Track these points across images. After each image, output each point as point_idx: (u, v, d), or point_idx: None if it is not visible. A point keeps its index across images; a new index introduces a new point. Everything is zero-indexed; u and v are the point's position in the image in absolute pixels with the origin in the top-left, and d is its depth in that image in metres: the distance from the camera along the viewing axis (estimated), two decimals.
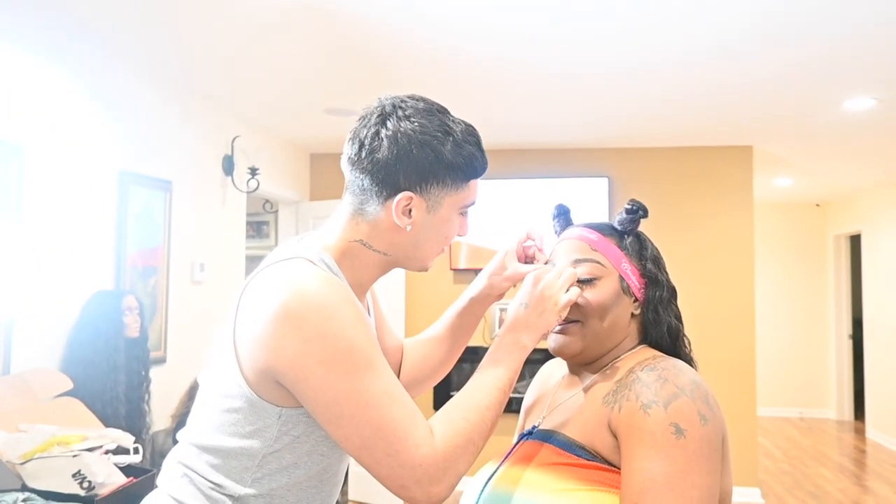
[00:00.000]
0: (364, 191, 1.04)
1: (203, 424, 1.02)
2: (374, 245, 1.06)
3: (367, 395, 0.92)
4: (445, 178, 1.03)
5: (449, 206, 1.06)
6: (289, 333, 0.92)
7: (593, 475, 0.91)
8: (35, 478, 1.84)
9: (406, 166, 1.01)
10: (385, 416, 0.92)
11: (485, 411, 0.98)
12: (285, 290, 0.93)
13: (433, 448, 0.92)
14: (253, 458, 0.99)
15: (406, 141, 1.01)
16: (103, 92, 2.85)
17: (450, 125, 1.05)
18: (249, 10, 2.45)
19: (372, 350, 0.95)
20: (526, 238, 1.23)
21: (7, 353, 2.33)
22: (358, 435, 0.92)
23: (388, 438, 0.92)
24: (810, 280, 7.55)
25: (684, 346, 1.07)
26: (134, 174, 2.99)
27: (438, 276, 4.89)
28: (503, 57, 2.95)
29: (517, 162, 4.87)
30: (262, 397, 0.97)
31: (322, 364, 0.91)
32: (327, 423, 0.94)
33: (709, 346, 4.54)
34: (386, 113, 1.04)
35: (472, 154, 1.06)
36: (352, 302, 0.96)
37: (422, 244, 1.07)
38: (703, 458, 0.87)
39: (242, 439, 0.98)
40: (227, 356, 1.00)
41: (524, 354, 1.04)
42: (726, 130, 4.29)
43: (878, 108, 3.64)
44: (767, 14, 2.48)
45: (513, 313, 1.05)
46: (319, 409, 0.94)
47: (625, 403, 0.93)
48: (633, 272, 1.06)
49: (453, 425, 0.95)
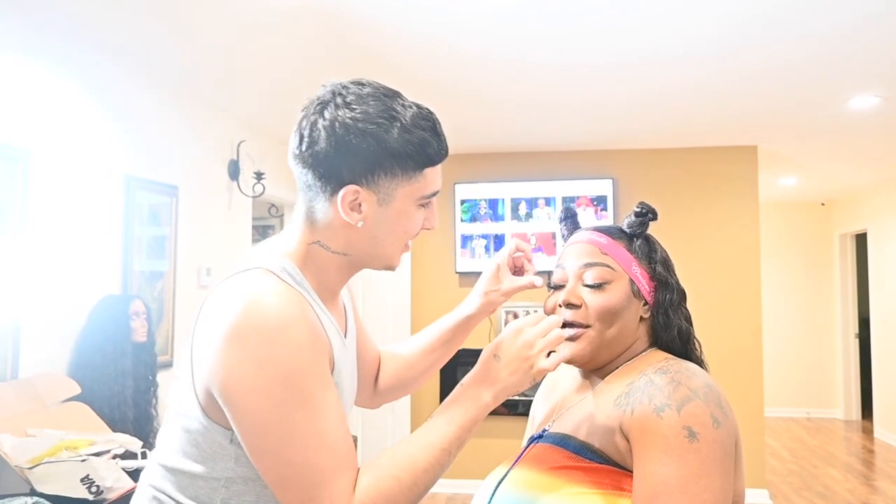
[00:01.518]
0: (310, 187, 0.96)
1: (167, 445, 0.98)
2: (332, 246, 0.99)
3: (293, 433, 0.85)
4: (393, 167, 0.94)
5: (403, 198, 0.97)
6: (229, 353, 0.86)
7: (605, 478, 0.91)
8: (44, 482, 1.85)
9: (347, 158, 0.92)
10: (308, 458, 0.86)
11: (420, 474, 0.89)
12: (237, 307, 0.87)
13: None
14: (218, 481, 0.94)
15: (344, 131, 0.91)
16: (108, 97, 2.86)
17: (396, 110, 0.94)
18: (254, 15, 2.46)
19: (314, 381, 0.88)
20: (515, 250, 1.22)
21: (15, 357, 2.34)
22: (276, 471, 0.87)
23: (305, 483, 0.85)
24: (816, 279, 7.52)
25: (695, 349, 1.07)
26: (140, 179, 2.99)
27: (443, 280, 4.89)
28: (506, 58, 2.95)
29: (521, 164, 4.87)
30: (212, 419, 0.92)
31: (254, 390, 0.85)
32: (250, 452, 0.89)
33: (715, 346, 4.52)
34: (324, 101, 0.95)
35: (424, 140, 0.95)
36: (305, 321, 0.89)
37: (380, 241, 0.99)
38: (716, 461, 0.87)
39: (204, 462, 0.94)
40: (184, 373, 0.95)
41: (483, 414, 0.95)
42: (731, 130, 4.28)
43: (883, 106, 3.63)
44: (771, 11, 2.47)
45: (482, 365, 0.97)
46: (244, 436, 0.88)
47: (637, 406, 0.92)
48: (643, 275, 1.06)
49: (379, 483, 0.88)
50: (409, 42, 2.75)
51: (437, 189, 1.02)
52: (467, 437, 0.94)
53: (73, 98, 2.67)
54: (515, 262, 1.22)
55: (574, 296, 1.05)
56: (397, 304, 4.46)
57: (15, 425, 2.02)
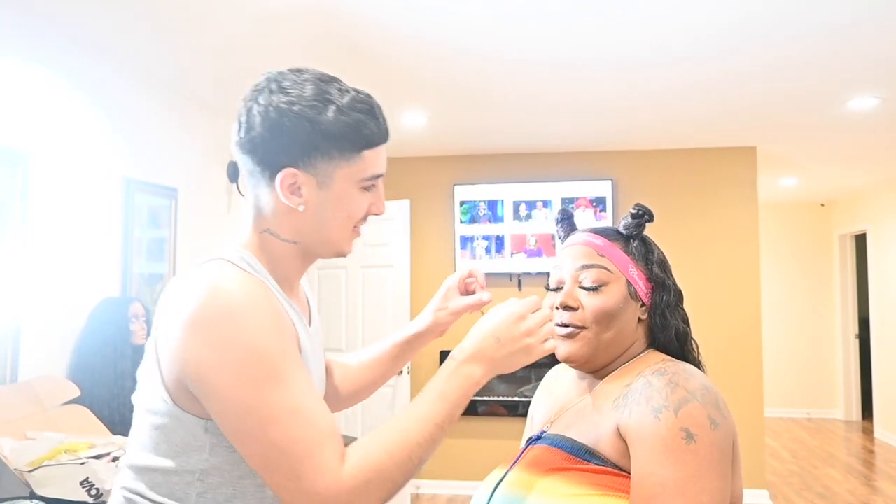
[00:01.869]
0: (252, 174, 0.98)
1: (137, 445, 0.96)
2: (281, 233, 0.99)
3: (271, 411, 0.84)
4: (330, 149, 0.94)
5: (343, 181, 0.97)
6: (196, 339, 0.86)
7: (603, 480, 0.91)
8: (43, 485, 1.85)
9: (283, 141, 0.93)
10: (288, 435, 0.84)
11: (414, 447, 0.88)
12: (199, 294, 0.88)
13: (337, 478, 0.83)
14: (192, 474, 0.92)
15: (278, 114, 0.93)
16: (108, 101, 2.86)
17: (332, 94, 0.95)
18: (253, 17, 2.46)
19: (283, 360, 0.87)
20: (468, 275, 1.23)
21: (14, 360, 2.34)
22: (260, 454, 0.85)
23: (289, 461, 0.84)
24: (816, 280, 7.52)
25: (692, 350, 1.07)
26: (139, 182, 3.00)
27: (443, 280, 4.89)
28: (506, 57, 2.96)
29: (521, 165, 4.87)
30: (184, 409, 0.91)
31: (226, 373, 0.85)
32: (232, 438, 0.88)
33: (715, 347, 4.53)
34: (260, 88, 0.97)
35: (360, 121, 0.95)
36: (269, 304, 0.90)
37: (325, 225, 0.99)
38: (713, 462, 0.87)
39: (177, 457, 0.92)
40: (151, 369, 0.94)
41: (473, 391, 0.95)
42: (730, 131, 4.28)
43: (882, 107, 3.64)
44: (770, 12, 2.48)
45: (478, 343, 0.97)
46: (223, 422, 0.87)
47: (635, 408, 0.93)
48: (640, 277, 1.06)
49: (370, 457, 0.86)
50: (409, 43, 2.75)
51: (380, 172, 1.01)
52: (458, 413, 0.94)
53: (72, 101, 2.67)
54: (467, 286, 1.23)
55: (571, 298, 1.05)
56: (397, 304, 4.46)
57: (14, 428, 2.02)
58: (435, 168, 4.97)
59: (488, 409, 4.75)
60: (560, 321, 1.06)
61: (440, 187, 4.94)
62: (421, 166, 4.98)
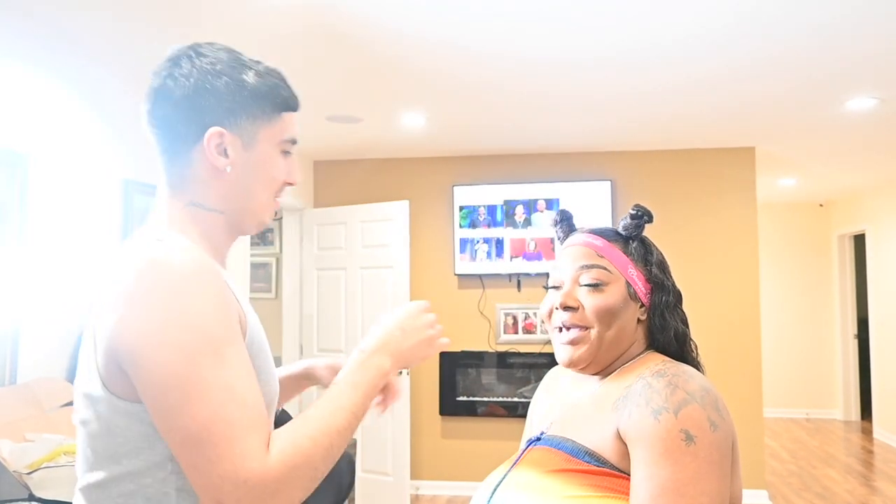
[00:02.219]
0: (173, 140, 0.96)
1: (88, 463, 0.89)
2: (206, 202, 0.97)
3: (200, 385, 0.80)
4: (253, 108, 0.96)
5: (265, 142, 0.98)
6: (133, 309, 0.82)
7: (603, 482, 0.91)
8: (42, 487, 1.84)
9: (209, 100, 0.94)
10: (216, 413, 0.79)
11: (335, 435, 0.87)
12: (137, 265, 0.85)
13: (264, 464, 0.79)
14: (162, 467, 0.85)
15: (201, 75, 0.94)
16: (106, 102, 2.86)
17: (245, 60, 0.99)
18: (252, 17, 2.46)
19: (224, 333, 0.84)
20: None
21: (13, 362, 2.34)
22: (180, 429, 0.79)
23: (213, 440, 0.78)
24: (815, 280, 7.53)
25: (691, 351, 1.07)
26: (138, 183, 3.00)
27: (442, 282, 4.89)
28: (506, 57, 2.96)
29: (521, 166, 4.88)
30: (123, 398, 0.85)
31: (160, 344, 0.80)
32: (155, 415, 0.82)
33: (714, 348, 4.53)
34: (176, 58, 0.97)
35: (277, 84, 0.99)
36: (212, 272, 0.87)
37: (250, 189, 0.99)
38: (713, 464, 0.87)
39: (138, 454, 0.85)
40: (89, 371, 0.88)
41: (383, 382, 0.98)
42: (729, 132, 4.29)
43: (880, 107, 3.64)
44: (769, 12, 2.48)
45: (385, 334, 1.01)
46: (148, 397, 0.82)
47: (634, 410, 0.93)
48: (640, 277, 1.06)
49: (296, 443, 0.83)
50: (408, 43, 2.76)
51: (296, 137, 1.04)
52: (370, 404, 0.97)
53: (71, 103, 2.67)
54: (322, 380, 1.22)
55: (571, 298, 1.05)
56: (396, 305, 4.46)
57: (13, 430, 2.02)
58: (434, 169, 4.97)
59: (487, 409, 4.75)
60: (560, 322, 1.06)
61: (439, 188, 4.94)
62: (420, 167, 4.98)
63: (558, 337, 1.06)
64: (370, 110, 3.74)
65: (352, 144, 4.57)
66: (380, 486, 4.45)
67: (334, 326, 4.73)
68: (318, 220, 4.86)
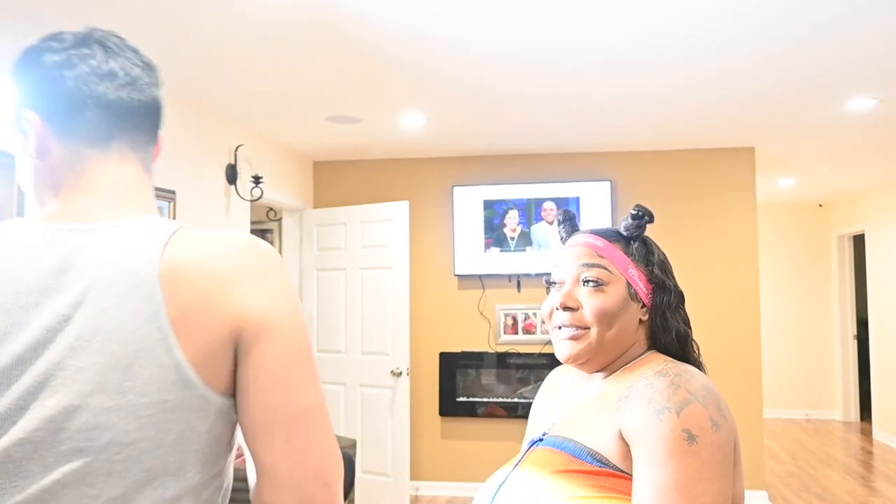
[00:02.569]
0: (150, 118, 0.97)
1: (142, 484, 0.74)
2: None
3: (316, 379, 0.80)
4: None
5: None
6: (268, 280, 0.78)
7: (605, 482, 0.91)
8: None
9: (155, 78, 1.00)
10: (321, 392, 0.79)
11: None
12: (244, 245, 0.80)
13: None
14: (220, 479, 0.80)
15: (135, 54, 0.97)
16: None
17: None
18: (252, 19, 2.46)
19: None
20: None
21: None
22: (301, 403, 0.77)
23: (326, 414, 0.79)
24: (814, 281, 7.53)
25: (693, 351, 1.07)
26: None
27: (442, 283, 4.89)
28: (505, 57, 2.96)
29: (521, 166, 4.88)
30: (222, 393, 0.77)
31: (298, 313, 0.79)
32: (274, 387, 0.75)
33: (714, 348, 4.54)
34: (117, 49, 0.96)
35: None
36: None
37: None
38: (715, 464, 0.87)
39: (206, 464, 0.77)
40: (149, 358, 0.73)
41: None
42: (728, 132, 4.29)
43: (880, 107, 3.64)
44: (769, 12, 2.48)
45: None
46: (278, 366, 0.76)
47: (637, 410, 0.93)
48: (641, 278, 1.06)
49: None
50: (408, 43, 2.75)
51: None
52: None
53: None
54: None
55: (570, 298, 1.05)
56: (396, 305, 4.46)
57: None
58: (434, 169, 4.97)
59: (487, 410, 4.75)
60: (560, 322, 1.06)
61: (439, 188, 4.94)
62: (420, 167, 4.98)
63: (558, 333, 1.06)
64: (370, 110, 3.74)
65: (351, 145, 4.57)
66: (379, 487, 4.44)
67: (334, 327, 4.73)
68: (318, 221, 4.86)
